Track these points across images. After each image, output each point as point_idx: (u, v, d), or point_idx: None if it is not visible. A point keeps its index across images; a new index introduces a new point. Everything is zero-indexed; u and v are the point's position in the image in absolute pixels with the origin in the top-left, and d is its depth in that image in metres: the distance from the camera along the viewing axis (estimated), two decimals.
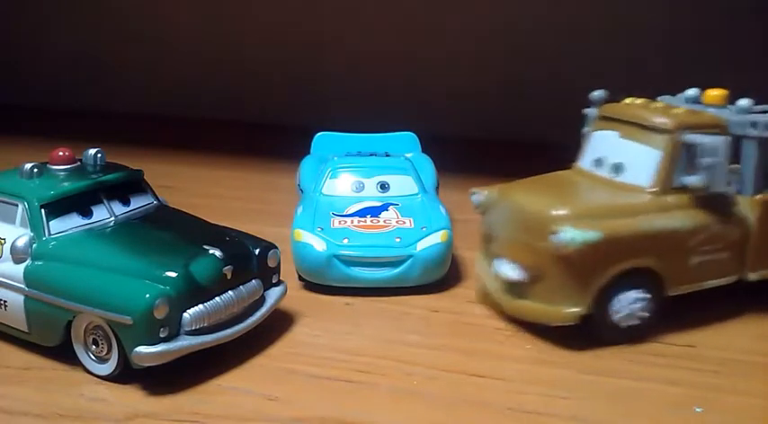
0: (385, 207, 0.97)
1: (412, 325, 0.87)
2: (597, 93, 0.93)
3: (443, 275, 0.94)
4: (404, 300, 0.91)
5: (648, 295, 0.82)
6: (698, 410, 0.72)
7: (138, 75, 1.74)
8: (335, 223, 0.94)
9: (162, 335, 0.72)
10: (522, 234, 0.84)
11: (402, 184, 1.00)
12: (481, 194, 0.90)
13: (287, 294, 0.85)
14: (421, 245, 0.91)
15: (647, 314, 0.82)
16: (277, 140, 1.45)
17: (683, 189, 0.83)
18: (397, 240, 0.92)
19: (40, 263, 0.77)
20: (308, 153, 1.18)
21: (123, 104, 1.72)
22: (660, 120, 0.83)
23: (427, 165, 1.12)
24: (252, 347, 0.80)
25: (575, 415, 0.71)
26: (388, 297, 0.92)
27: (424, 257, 0.91)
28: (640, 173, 0.84)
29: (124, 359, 0.73)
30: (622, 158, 0.85)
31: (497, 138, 1.52)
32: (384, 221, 0.94)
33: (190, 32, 1.70)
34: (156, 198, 0.87)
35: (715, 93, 0.89)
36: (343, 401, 0.73)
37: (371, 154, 1.08)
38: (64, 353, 0.78)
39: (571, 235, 0.78)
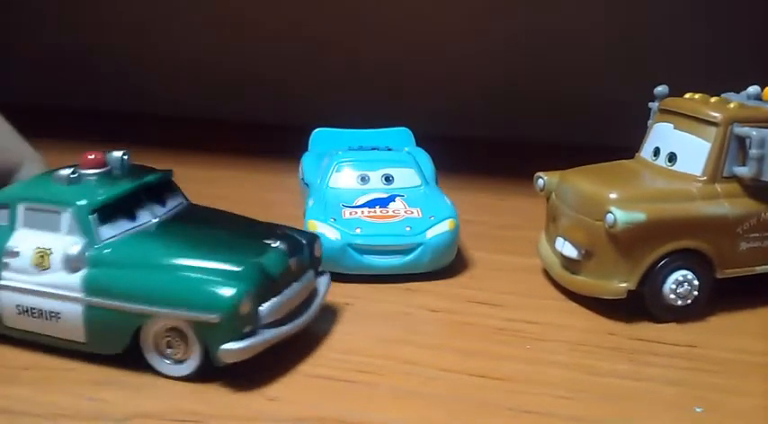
0: (392, 199, 1.00)
1: (412, 325, 0.87)
2: (660, 88, 0.97)
3: (451, 261, 0.97)
4: (404, 300, 0.92)
5: (698, 277, 0.86)
6: (698, 410, 0.72)
7: (137, 75, 1.74)
8: (347, 213, 0.97)
9: (246, 330, 0.73)
10: (578, 215, 0.89)
11: (405, 176, 1.03)
12: (544, 179, 0.96)
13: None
14: (430, 233, 0.95)
15: (696, 295, 0.86)
16: (276, 140, 1.45)
17: (734, 178, 0.88)
18: (408, 229, 0.95)
19: (100, 270, 0.75)
20: (306, 149, 1.20)
21: (122, 104, 1.72)
22: (712, 113, 0.88)
23: (424, 158, 1.15)
24: None
25: (575, 415, 0.71)
26: (388, 297, 0.92)
27: (434, 244, 0.95)
28: (692, 163, 0.89)
29: (205, 358, 0.74)
30: (676, 148, 0.91)
31: (497, 138, 1.52)
32: (393, 211, 0.98)
33: (190, 32, 1.70)
34: (185, 198, 0.87)
35: None
36: (343, 401, 0.73)
37: (373, 149, 1.10)
38: (63, 354, 0.78)
39: (619, 215, 0.83)
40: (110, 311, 0.74)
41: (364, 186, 1.02)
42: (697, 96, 0.94)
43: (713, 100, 0.92)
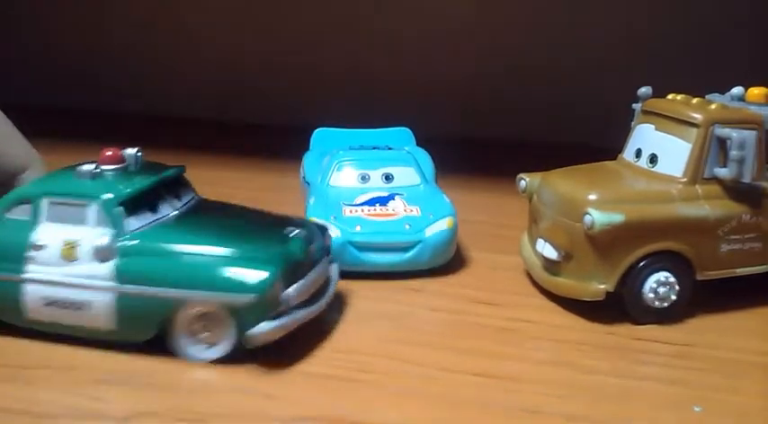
0: (391, 197, 1.01)
1: (412, 324, 0.87)
2: (644, 90, 0.97)
3: (449, 259, 0.98)
4: (404, 300, 0.92)
5: (678, 279, 0.86)
6: (697, 409, 0.72)
7: (137, 75, 1.74)
8: (347, 212, 0.98)
9: (278, 311, 0.77)
10: (558, 216, 0.89)
11: (405, 175, 1.05)
12: (526, 180, 0.96)
13: None
14: (429, 231, 0.96)
15: (675, 297, 0.86)
16: (277, 140, 1.45)
17: (715, 180, 0.87)
18: (407, 226, 0.96)
19: (131, 259, 0.78)
20: (308, 149, 1.21)
21: (122, 104, 1.72)
22: (692, 114, 0.88)
23: (424, 158, 1.16)
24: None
25: (574, 415, 0.71)
26: (387, 297, 0.92)
27: (433, 242, 0.96)
28: (673, 164, 0.89)
29: (237, 341, 0.77)
30: (657, 149, 0.91)
31: (497, 138, 1.53)
32: (392, 209, 0.99)
33: (189, 32, 1.70)
34: (195, 192, 0.89)
35: (756, 91, 0.92)
36: (343, 401, 0.73)
37: (374, 148, 1.12)
38: (64, 353, 0.78)
39: (597, 217, 0.84)
40: (142, 298, 0.77)
41: (364, 185, 1.03)
42: (679, 97, 0.94)
43: (694, 101, 0.91)
